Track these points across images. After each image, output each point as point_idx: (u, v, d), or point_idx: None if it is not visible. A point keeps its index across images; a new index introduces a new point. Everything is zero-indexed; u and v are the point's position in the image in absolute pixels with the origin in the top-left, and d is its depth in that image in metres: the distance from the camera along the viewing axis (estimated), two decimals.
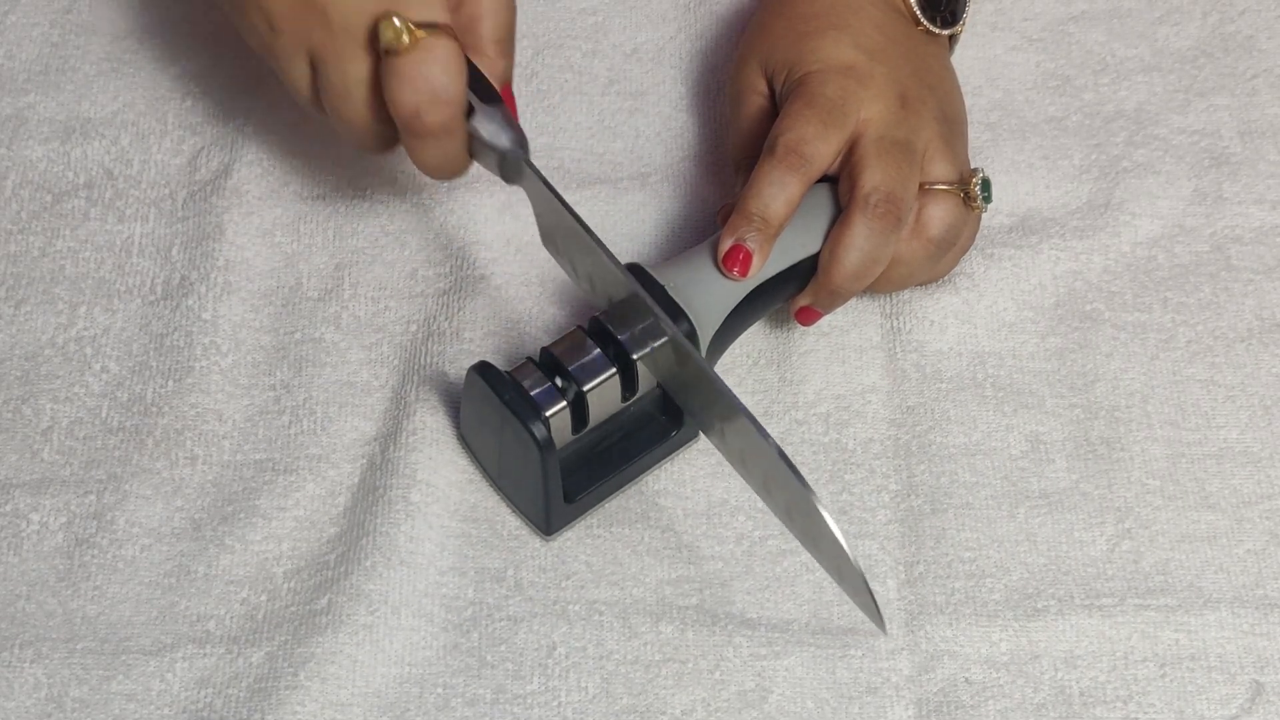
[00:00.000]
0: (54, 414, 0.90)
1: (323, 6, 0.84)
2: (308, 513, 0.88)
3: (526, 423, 0.83)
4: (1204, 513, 0.89)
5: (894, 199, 0.87)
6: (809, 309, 0.90)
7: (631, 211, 0.97)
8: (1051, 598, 0.86)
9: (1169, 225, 0.98)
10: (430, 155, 0.86)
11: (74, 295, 0.94)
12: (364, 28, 0.84)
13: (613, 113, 1.01)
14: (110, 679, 0.83)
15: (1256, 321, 0.94)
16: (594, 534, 0.87)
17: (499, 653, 0.84)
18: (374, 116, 0.86)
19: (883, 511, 0.88)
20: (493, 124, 0.85)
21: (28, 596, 0.85)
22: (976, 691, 0.84)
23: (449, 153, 0.86)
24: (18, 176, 0.98)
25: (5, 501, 0.88)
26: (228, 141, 0.99)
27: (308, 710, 0.82)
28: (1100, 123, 1.01)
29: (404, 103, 0.83)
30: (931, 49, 0.94)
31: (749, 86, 0.93)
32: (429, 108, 0.83)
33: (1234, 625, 0.85)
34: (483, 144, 0.86)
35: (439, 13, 0.84)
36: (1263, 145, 1.00)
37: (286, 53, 0.86)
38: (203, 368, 0.92)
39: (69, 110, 1.00)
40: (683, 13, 1.05)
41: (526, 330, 0.93)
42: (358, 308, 0.94)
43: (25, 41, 1.02)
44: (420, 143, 0.85)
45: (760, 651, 0.84)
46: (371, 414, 0.91)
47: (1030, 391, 0.92)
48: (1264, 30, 1.05)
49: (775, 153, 0.88)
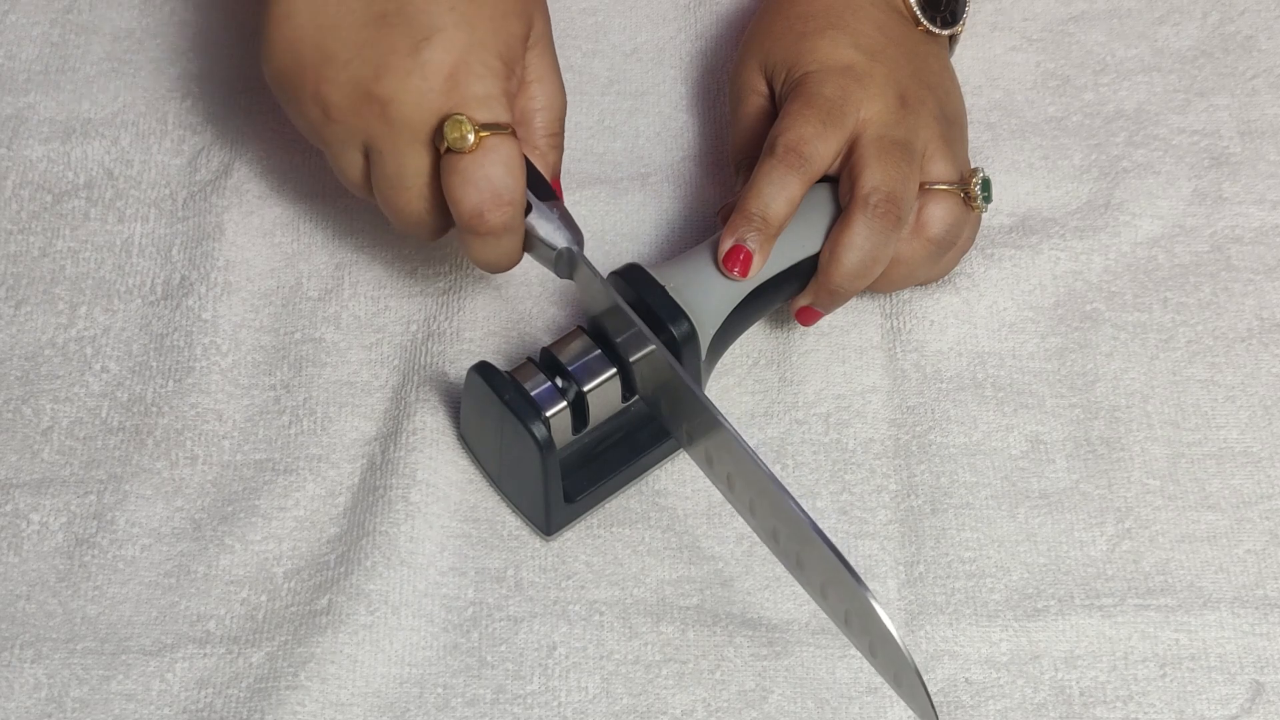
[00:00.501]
0: (54, 414, 0.90)
1: (384, 100, 0.84)
2: (308, 513, 0.88)
3: (527, 423, 0.83)
4: (1204, 513, 0.89)
5: (894, 199, 0.87)
6: (809, 309, 0.90)
7: (631, 211, 0.97)
8: (1051, 598, 0.86)
9: (1169, 225, 0.98)
10: (488, 252, 0.86)
11: (74, 295, 0.94)
12: (426, 125, 0.84)
13: (613, 113, 1.01)
14: (110, 679, 0.83)
15: (1256, 321, 0.94)
16: (594, 534, 0.87)
17: (499, 653, 0.84)
18: (429, 209, 0.86)
19: (883, 511, 0.88)
20: (550, 223, 0.86)
21: (28, 596, 0.85)
22: (976, 691, 0.84)
23: (506, 250, 0.86)
24: (18, 176, 0.98)
25: (5, 501, 0.88)
26: (228, 141, 0.99)
27: (308, 710, 0.82)
28: (1100, 123, 1.01)
29: (466, 203, 0.83)
30: (931, 49, 0.94)
31: (748, 87, 0.93)
32: (492, 209, 0.83)
33: (1234, 625, 0.85)
34: (539, 241, 0.86)
35: (502, 113, 0.84)
36: (1263, 145, 1.00)
37: (340, 140, 0.86)
38: (203, 368, 0.92)
39: (69, 110, 1.00)
40: (683, 13, 1.05)
41: (527, 330, 0.93)
42: (358, 307, 0.94)
43: (25, 41, 1.02)
44: (480, 241, 0.85)
45: (761, 651, 0.84)
46: (371, 414, 0.91)
47: (1030, 391, 0.92)
48: (1264, 30, 1.05)
49: (775, 153, 0.88)
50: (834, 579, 0.79)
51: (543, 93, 0.89)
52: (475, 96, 0.83)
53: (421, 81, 0.83)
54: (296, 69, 0.85)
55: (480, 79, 0.84)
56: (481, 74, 0.84)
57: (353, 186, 0.88)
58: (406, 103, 0.83)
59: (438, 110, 0.83)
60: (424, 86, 0.83)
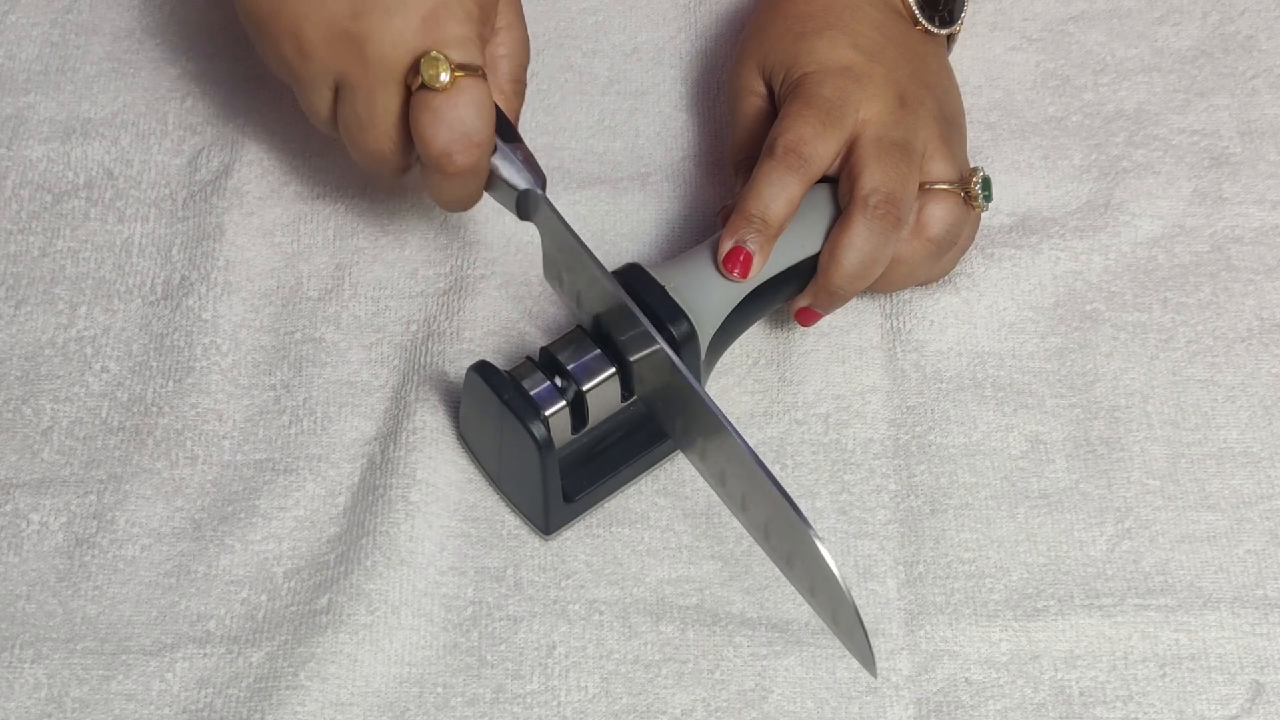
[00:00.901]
0: (54, 414, 0.90)
1: (361, 38, 0.84)
2: (308, 512, 0.88)
3: (526, 422, 0.83)
4: (1204, 513, 0.89)
5: (894, 199, 0.87)
6: (809, 309, 0.90)
7: (631, 211, 0.97)
8: (1051, 598, 0.86)
9: (1169, 225, 0.98)
10: (452, 192, 0.87)
11: (74, 295, 0.94)
12: (401, 63, 0.84)
13: (613, 113, 1.01)
14: (110, 679, 0.83)
15: (1256, 321, 0.94)
16: (593, 533, 0.87)
17: (499, 652, 0.84)
18: (395, 148, 0.87)
19: (882, 511, 0.88)
20: (512, 165, 0.87)
21: (28, 596, 0.85)
22: (976, 691, 0.84)
23: (470, 190, 0.87)
24: (18, 176, 0.98)
25: (5, 501, 0.88)
26: (228, 141, 0.99)
27: (308, 710, 0.82)
28: (1100, 123, 1.01)
29: (437, 142, 0.84)
30: (930, 49, 0.94)
31: (747, 87, 0.94)
32: (461, 149, 0.84)
33: (1234, 625, 0.85)
34: (501, 181, 0.87)
35: (476, 56, 0.85)
36: (1263, 145, 1.00)
37: (312, 77, 0.87)
38: (203, 368, 0.92)
39: (69, 110, 1.00)
40: (683, 13, 1.05)
41: (526, 330, 0.93)
42: (358, 307, 0.94)
43: (25, 41, 1.02)
44: (445, 180, 0.86)
45: (760, 651, 0.84)
46: (371, 414, 0.91)
47: (1030, 391, 0.92)
48: (1264, 30, 1.05)
49: (774, 153, 0.88)
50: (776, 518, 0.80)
51: (510, 39, 0.90)
52: (453, 37, 0.84)
53: (400, 20, 0.84)
54: (272, 5, 0.86)
55: (458, 21, 0.85)
56: (459, 16, 0.85)
57: (320, 123, 0.89)
58: (384, 41, 0.84)
59: (414, 49, 0.84)
60: (402, 25, 0.84)
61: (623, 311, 0.84)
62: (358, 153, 0.88)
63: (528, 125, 1.00)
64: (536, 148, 0.98)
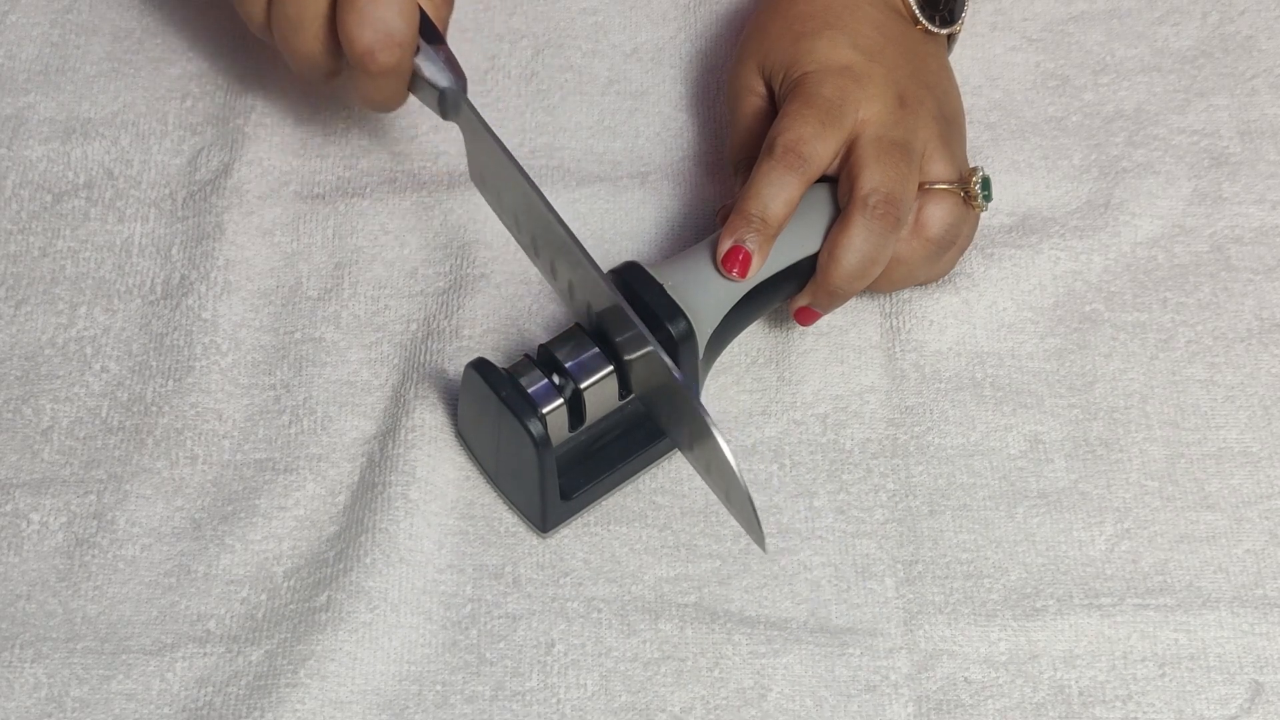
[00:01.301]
0: (54, 414, 0.91)
1: None
2: (308, 512, 0.88)
3: (523, 420, 0.83)
4: (1203, 513, 0.89)
5: (893, 199, 0.87)
6: (808, 309, 0.90)
7: (631, 211, 0.97)
8: (1050, 597, 0.86)
9: (1169, 225, 0.97)
10: (375, 92, 0.89)
11: (74, 295, 0.94)
12: None
13: (613, 113, 1.01)
14: (110, 679, 0.83)
15: (1256, 321, 0.94)
16: (591, 531, 0.87)
17: (498, 650, 0.84)
18: (324, 50, 0.89)
19: (880, 511, 0.88)
20: (434, 64, 0.88)
21: (28, 596, 0.85)
22: (975, 691, 0.84)
23: (394, 90, 0.89)
24: (18, 176, 0.98)
25: (5, 501, 0.88)
26: (228, 141, 0.99)
27: (307, 708, 0.82)
28: (1100, 123, 1.01)
29: (360, 41, 0.86)
30: (930, 48, 0.94)
31: (747, 87, 0.94)
32: (383, 48, 0.86)
33: (1233, 625, 0.85)
34: (424, 82, 0.89)
35: None
36: (1262, 145, 1.00)
37: None
38: (203, 367, 0.92)
39: (69, 110, 1.00)
40: (683, 13, 1.05)
41: (525, 328, 0.93)
42: (357, 307, 0.94)
43: (25, 41, 1.03)
44: (369, 80, 0.88)
45: (759, 649, 0.84)
46: (371, 413, 0.91)
47: (1029, 391, 0.92)
48: (1264, 30, 1.05)
49: (774, 153, 0.88)
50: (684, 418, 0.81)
51: None
52: None
53: None
54: None
55: None
56: None
57: (255, 28, 0.91)
58: None
59: None
60: None
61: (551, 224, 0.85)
62: (290, 56, 0.90)
63: (528, 125, 1.00)
64: (537, 147, 0.99)
